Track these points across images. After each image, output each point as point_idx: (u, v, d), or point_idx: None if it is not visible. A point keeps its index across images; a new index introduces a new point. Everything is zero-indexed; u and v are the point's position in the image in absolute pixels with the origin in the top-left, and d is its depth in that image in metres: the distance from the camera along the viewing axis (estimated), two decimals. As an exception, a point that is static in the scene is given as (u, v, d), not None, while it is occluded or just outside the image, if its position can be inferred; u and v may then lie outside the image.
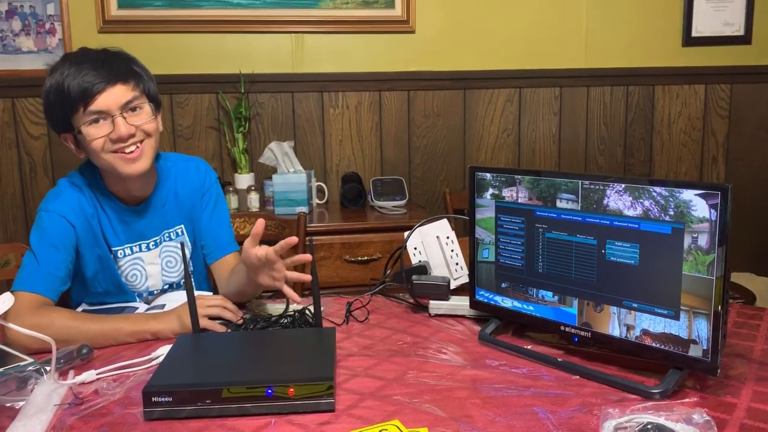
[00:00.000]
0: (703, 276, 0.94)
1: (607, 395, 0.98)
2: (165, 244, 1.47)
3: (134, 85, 1.32)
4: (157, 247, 1.46)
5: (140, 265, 1.44)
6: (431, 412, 0.93)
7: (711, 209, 0.92)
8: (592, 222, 1.06)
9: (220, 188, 1.58)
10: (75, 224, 1.34)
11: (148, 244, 1.45)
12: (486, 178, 1.21)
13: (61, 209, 1.34)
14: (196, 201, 1.52)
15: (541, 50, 2.79)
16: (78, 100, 1.27)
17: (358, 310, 1.39)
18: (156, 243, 1.46)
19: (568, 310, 1.11)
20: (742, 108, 2.94)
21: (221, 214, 1.55)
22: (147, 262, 1.45)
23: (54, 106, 1.31)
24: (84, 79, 1.26)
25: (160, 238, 1.47)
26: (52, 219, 1.33)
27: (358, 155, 2.76)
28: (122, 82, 1.30)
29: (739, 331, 1.23)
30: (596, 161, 2.90)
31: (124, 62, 1.34)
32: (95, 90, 1.26)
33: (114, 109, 1.29)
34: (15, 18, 2.50)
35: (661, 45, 2.85)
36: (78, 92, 1.26)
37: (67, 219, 1.34)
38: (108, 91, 1.28)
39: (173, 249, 1.49)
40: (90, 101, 1.27)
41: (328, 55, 2.67)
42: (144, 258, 1.45)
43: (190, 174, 1.52)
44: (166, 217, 1.47)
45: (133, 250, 1.43)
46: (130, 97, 1.30)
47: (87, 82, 1.26)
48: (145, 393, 0.91)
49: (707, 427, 0.82)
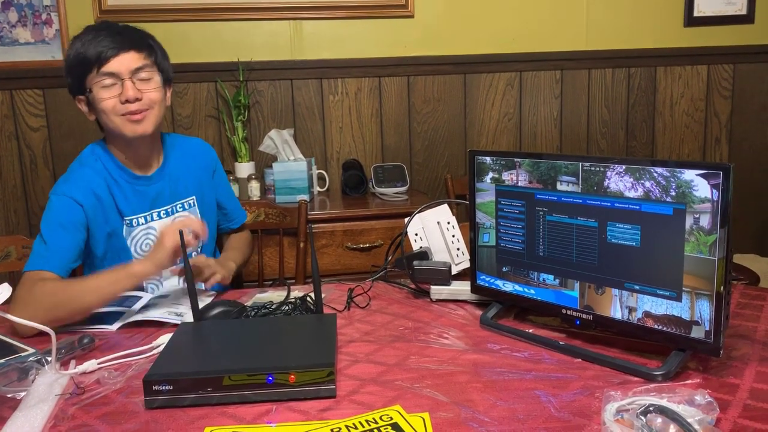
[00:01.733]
0: (705, 257, 0.93)
1: (609, 378, 0.98)
2: (177, 214, 1.54)
3: (146, 54, 1.42)
4: (168, 217, 1.52)
5: (153, 234, 1.49)
6: (432, 396, 0.93)
7: (713, 189, 0.91)
8: (592, 204, 1.05)
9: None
10: (83, 203, 1.40)
11: (159, 212, 1.51)
12: (486, 162, 1.20)
13: (68, 191, 1.40)
14: (206, 177, 1.63)
15: (542, 33, 2.76)
16: (93, 61, 1.37)
17: (360, 296, 1.38)
18: (167, 212, 1.52)
19: (569, 293, 1.10)
20: (745, 88, 2.92)
21: (230, 187, 1.74)
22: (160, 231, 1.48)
23: (72, 69, 1.41)
24: (101, 43, 1.37)
25: (172, 208, 1.54)
26: (60, 201, 1.39)
27: (359, 142, 2.74)
28: (135, 50, 1.39)
29: (742, 312, 1.22)
30: (598, 144, 2.88)
31: (140, 35, 1.44)
32: (109, 54, 1.36)
33: (125, 73, 1.38)
34: (11, 9, 2.48)
35: (663, 26, 2.82)
36: (94, 54, 1.37)
37: (75, 199, 1.39)
38: (121, 56, 1.37)
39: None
40: (104, 63, 1.36)
41: (326, 41, 2.65)
42: (157, 227, 1.50)
43: (196, 150, 1.63)
44: (178, 188, 1.55)
45: (146, 219, 1.49)
46: (140, 64, 1.39)
47: (103, 46, 1.37)
48: (146, 382, 0.91)
49: (710, 408, 0.82)
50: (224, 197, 1.70)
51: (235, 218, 1.74)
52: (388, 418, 0.86)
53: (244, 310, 1.25)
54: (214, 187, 1.65)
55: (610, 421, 0.81)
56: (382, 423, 0.85)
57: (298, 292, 1.39)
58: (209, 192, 1.63)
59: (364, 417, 0.86)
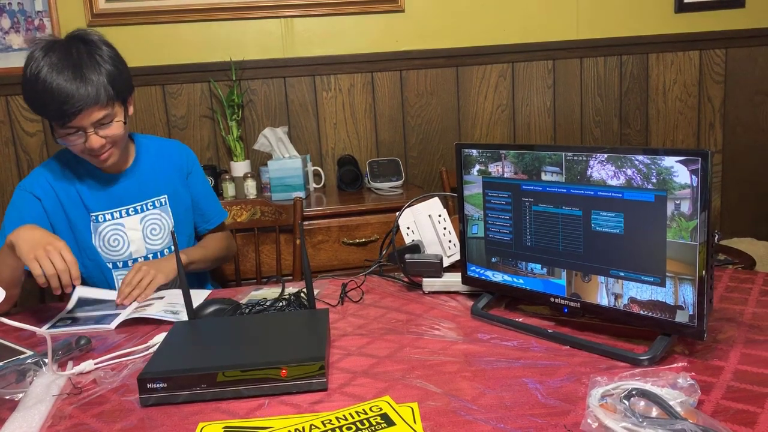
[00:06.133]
0: (687, 242, 0.94)
1: (596, 364, 0.99)
2: (148, 212, 1.57)
3: (106, 101, 1.39)
4: (138, 214, 1.56)
5: (122, 231, 1.54)
6: (422, 386, 0.95)
7: (692, 175, 0.93)
8: (576, 193, 1.06)
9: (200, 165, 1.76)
10: (41, 197, 1.49)
11: (128, 209, 1.55)
12: (472, 155, 1.21)
13: (28, 186, 1.50)
14: (179, 177, 1.66)
15: (533, 23, 2.77)
16: (54, 117, 1.38)
17: (353, 290, 1.40)
18: (136, 210, 1.56)
19: (556, 282, 1.12)
20: (738, 73, 2.92)
21: (209, 187, 1.77)
22: (128, 228, 1.55)
23: (32, 106, 1.41)
24: (58, 97, 1.34)
25: (142, 205, 1.57)
26: (20, 196, 1.50)
27: (353, 138, 2.76)
28: (96, 104, 1.38)
29: (730, 295, 1.24)
30: (592, 133, 2.89)
31: (95, 78, 1.37)
32: (71, 113, 1.36)
33: (87, 127, 1.40)
34: (4, 16, 2.49)
35: (654, 12, 2.82)
36: (54, 112, 1.36)
37: (34, 194, 1.49)
38: (83, 113, 1.37)
39: (157, 217, 1.59)
40: (66, 122, 1.38)
41: (318, 38, 2.66)
42: (125, 224, 1.55)
43: (171, 151, 1.67)
44: (148, 186, 1.58)
45: (113, 216, 1.54)
46: (101, 115, 1.40)
47: (63, 104, 1.34)
48: (140, 380, 0.93)
49: (692, 390, 0.83)
50: (201, 197, 1.73)
51: (211, 218, 1.77)
52: (378, 409, 0.88)
53: (239, 307, 1.27)
54: (188, 187, 1.68)
55: (595, 406, 0.83)
56: (372, 414, 0.87)
57: (292, 288, 1.41)
58: (183, 192, 1.66)
59: (354, 408, 0.88)
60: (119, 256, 1.55)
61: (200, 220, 1.75)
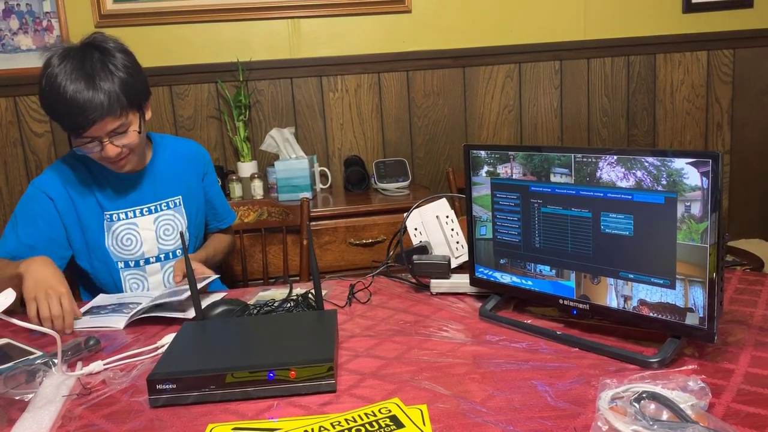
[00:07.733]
0: (697, 244, 0.94)
1: (605, 366, 0.99)
2: (162, 213, 1.58)
3: (120, 112, 1.39)
4: (152, 214, 1.56)
5: (135, 230, 1.54)
6: (431, 388, 0.94)
7: (702, 177, 0.92)
8: (586, 195, 1.06)
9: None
10: (54, 197, 1.49)
11: (142, 209, 1.55)
12: (480, 156, 1.21)
13: (42, 184, 1.50)
14: (195, 178, 1.67)
15: (540, 23, 2.76)
16: (69, 129, 1.39)
17: (361, 291, 1.40)
18: (150, 210, 1.56)
19: (565, 284, 1.12)
20: (746, 73, 2.91)
21: (220, 187, 1.79)
22: (142, 228, 1.55)
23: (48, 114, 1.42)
24: (73, 109, 1.34)
25: (156, 206, 1.57)
26: (33, 194, 1.50)
27: (360, 138, 2.76)
28: (109, 115, 1.37)
29: (740, 297, 1.23)
30: (599, 134, 2.88)
31: (108, 88, 1.37)
32: (85, 125, 1.36)
33: (103, 137, 1.40)
34: (12, 17, 2.50)
35: (662, 12, 2.81)
36: (69, 124, 1.38)
37: (47, 194, 1.49)
38: (97, 124, 1.37)
39: (170, 218, 1.59)
40: (81, 132, 1.38)
41: (324, 38, 2.66)
42: (139, 224, 1.55)
43: (187, 151, 1.67)
44: (164, 187, 1.59)
45: (128, 215, 1.54)
46: (116, 126, 1.40)
47: (76, 116, 1.35)
48: (150, 381, 0.93)
49: (702, 393, 0.83)
50: (215, 198, 1.75)
51: (225, 218, 1.80)
52: (387, 411, 0.88)
53: (247, 308, 1.27)
54: (203, 188, 1.70)
55: (605, 409, 0.82)
56: (381, 416, 0.86)
57: (300, 289, 1.41)
58: (198, 192, 1.67)
59: (363, 410, 0.88)
60: (131, 255, 1.55)
61: (213, 220, 1.77)
